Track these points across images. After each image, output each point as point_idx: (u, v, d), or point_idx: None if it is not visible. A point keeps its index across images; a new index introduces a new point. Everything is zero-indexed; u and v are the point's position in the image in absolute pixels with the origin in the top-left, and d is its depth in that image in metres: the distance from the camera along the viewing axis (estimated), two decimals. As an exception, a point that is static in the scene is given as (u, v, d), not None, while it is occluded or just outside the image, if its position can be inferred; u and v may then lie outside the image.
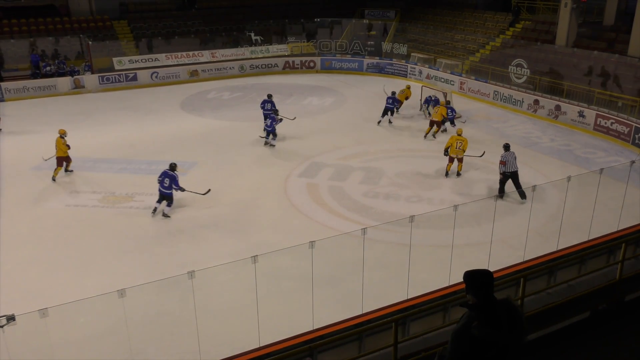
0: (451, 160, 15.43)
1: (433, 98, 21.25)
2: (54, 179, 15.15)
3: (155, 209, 13.16)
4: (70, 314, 8.39)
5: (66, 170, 15.70)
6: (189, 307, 7.73)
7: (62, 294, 9.39)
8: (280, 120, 18.44)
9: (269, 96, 19.99)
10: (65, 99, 25.08)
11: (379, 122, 20.59)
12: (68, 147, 15.39)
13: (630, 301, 6.27)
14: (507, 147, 14.14)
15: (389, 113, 20.50)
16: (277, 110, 18.95)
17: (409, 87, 22.48)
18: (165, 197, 13.11)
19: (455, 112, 20.06)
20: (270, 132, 17.85)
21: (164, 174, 13.10)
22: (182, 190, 13.16)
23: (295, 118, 19.76)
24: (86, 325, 8.97)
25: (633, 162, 14.05)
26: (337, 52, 31.50)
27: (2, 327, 6.67)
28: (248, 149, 18.00)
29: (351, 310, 8.42)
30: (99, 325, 8.94)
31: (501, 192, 13.91)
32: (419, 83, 26.10)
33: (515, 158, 13.88)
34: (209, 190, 13.79)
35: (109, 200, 14.06)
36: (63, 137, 15.25)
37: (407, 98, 22.26)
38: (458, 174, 15.52)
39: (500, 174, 13.91)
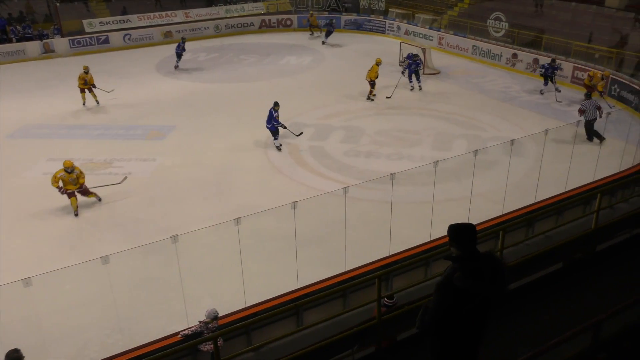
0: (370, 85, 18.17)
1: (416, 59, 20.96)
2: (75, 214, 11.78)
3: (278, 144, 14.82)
4: (54, 282, 8.37)
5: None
6: (174, 271, 7.77)
7: (44, 262, 9.35)
8: None
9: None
10: (35, 64, 24.32)
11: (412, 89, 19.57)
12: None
13: (602, 250, 6.46)
14: (587, 96, 14.47)
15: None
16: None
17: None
18: (269, 131, 14.58)
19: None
20: None
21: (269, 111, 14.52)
22: (283, 126, 14.49)
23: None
24: (71, 293, 8.97)
25: (609, 113, 14.27)
26: (314, 9, 30.86)
27: (-15, 297, 6.65)
28: (227, 111, 17.78)
29: (335, 268, 8.55)
30: (84, 292, 8.94)
31: (599, 137, 14.07)
32: (397, 39, 25.84)
33: (596, 106, 13.98)
34: (302, 132, 15.14)
35: (87, 167, 13.82)
36: (68, 171, 11.47)
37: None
38: (368, 98, 18.30)
39: (585, 121, 14.07)
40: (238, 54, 25.37)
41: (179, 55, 22.63)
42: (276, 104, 14.55)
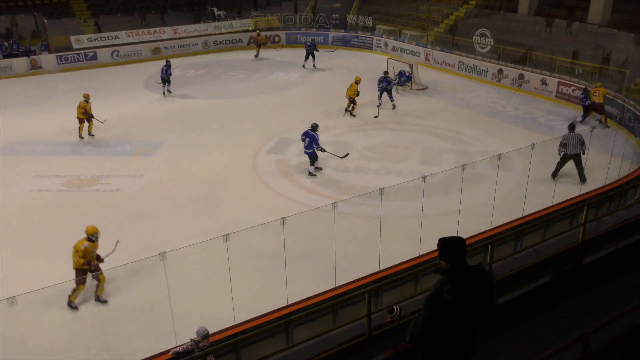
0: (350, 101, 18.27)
1: (406, 73, 21.23)
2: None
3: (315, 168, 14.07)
4: (40, 301, 8.26)
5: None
6: (162, 289, 7.68)
7: (30, 281, 9.21)
8: None
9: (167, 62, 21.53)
10: (22, 81, 24.23)
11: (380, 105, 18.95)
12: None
13: (589, 263, 6.52)
14: (571, 128, 13.01)
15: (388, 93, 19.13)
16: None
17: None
18: (308, 156, 13.80)
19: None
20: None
21: (305, 134, 13.72)
22: (322, 150, 13.73)
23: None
24: (57, 311, 8.84)
25: (593, 127, 14.47)
26: (302, 25, 31.12)
27: (-31, 317, 6.53)
28: (215, 127, 17.78)
29: (325, 284, 8.52)
30: (70, 310, 8.82)
31: (554, 174, 13.10)
32: (385, 55, 26.10)
33: (580, 141, 12.63)
34: (347, 154, 14.23)
35: (74, 183, 13.76)
36: (92, 239, 9.31)
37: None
38: (351, 114, 18.35)
39: (563, 154, 12.91)
40: (227, 70, 25.47)
41: (165, 81, 21.08)
42: (317, 126, 13.96)
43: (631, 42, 19.25)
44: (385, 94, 18.99)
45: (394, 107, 19.15)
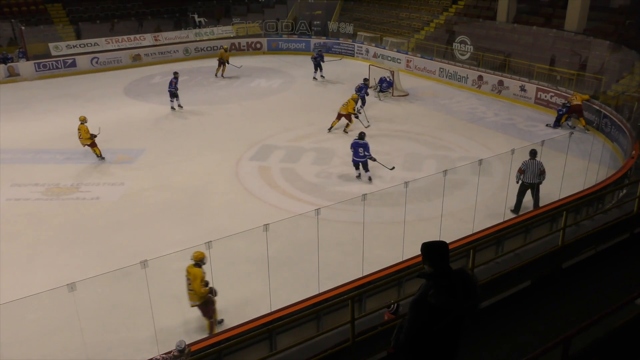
0: (337, 117, 17.27)
1: (387, 79, 21.37)
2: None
3: (359, 175, 14.04)
4: (17, 312, 8.10)
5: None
6: (144, 298, 7.59)
7: (7, 291, 9.03)
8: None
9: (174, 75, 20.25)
10: (-1, 88, 23.87)
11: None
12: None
13: (569, 267, 6.61)
14: (532, 154, 11.77)
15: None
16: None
17: None
18: (361, 164, 13.89)
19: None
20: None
21: (355, 144, 13.76)
22: (373, 159, 13.81)
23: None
24: (35, 322, 8.67)
25: (571, 133, 14.73)
26: (283, 32, 31.18)
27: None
28: (197, 134, 17.68)
29: (308, 291, 8.49)
30: (49, 321, 8.66)
31: (516, 209, 11.90)
32: (366, 62, 26.25)
33: (540, 170, 11.66)
34: (394, 167, 14.25)
35: (53, 192, 13.55)
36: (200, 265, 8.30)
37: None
38: (344, 131, 17.33)
39: (521, 184, 11.90)
40: (208, 77, 25.38)
41: (174, 95, 19.93)
42: (364, 135, 13.95)
43: (607, 49, 19.65)
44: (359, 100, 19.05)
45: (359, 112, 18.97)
